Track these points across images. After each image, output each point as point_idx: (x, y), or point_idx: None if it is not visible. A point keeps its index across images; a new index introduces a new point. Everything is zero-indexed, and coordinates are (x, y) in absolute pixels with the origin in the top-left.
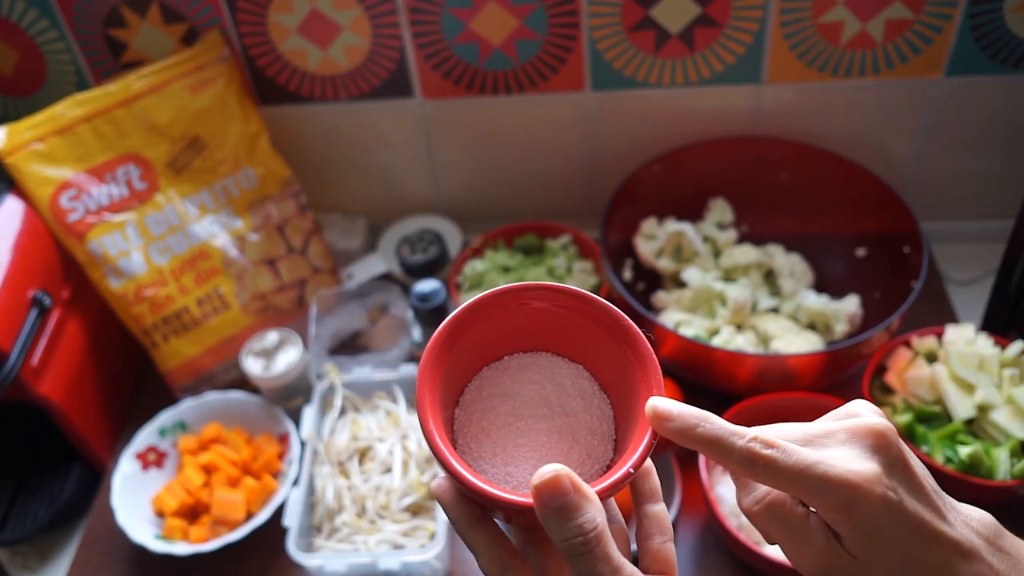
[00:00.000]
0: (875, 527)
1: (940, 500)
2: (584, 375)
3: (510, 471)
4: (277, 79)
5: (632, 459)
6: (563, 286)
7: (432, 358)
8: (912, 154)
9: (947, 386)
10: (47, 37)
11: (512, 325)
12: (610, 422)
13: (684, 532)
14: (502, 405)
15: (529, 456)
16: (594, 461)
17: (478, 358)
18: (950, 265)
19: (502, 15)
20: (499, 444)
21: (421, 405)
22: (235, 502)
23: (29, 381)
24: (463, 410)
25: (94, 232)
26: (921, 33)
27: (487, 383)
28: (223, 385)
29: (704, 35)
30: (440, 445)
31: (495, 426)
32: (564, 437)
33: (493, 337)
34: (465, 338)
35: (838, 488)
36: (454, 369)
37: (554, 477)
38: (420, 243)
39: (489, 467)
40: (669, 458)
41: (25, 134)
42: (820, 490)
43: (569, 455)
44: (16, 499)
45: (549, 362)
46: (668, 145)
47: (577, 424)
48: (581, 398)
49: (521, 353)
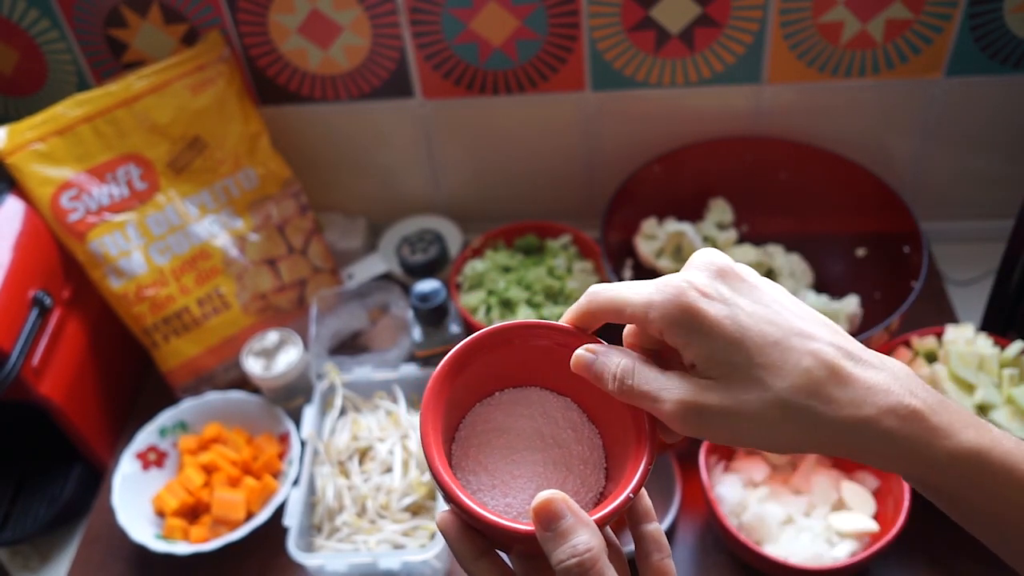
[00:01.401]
0: (686, 320)
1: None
2: (572, 407)
3: (509, 502)
4: (277, 79)
5: (631, 485)
6: (559, 325)
7: (434, 394)
8: (912, 154)
9: (947, 386)
10: (48, 37)
11: (506, 362)
12: (600, 451)
13: (684, 532)
14: (497, 439)
15: (526, 487)
16: (588, 489)
17: (471, 394)
18: (950, 265)
19: (502, 15)
20: (497, 477)
21: (426, 441)
22: (235, 502)
23: (30, 381)
24: (459, 445)
25: (95, 232)
26: (921, 33)
27: (480, 419)
28: (223, 385)
29: (704, 35)
30: (447, 479)
31: (492, 460)
32: (558, 468)
33: (486, 374)
34: (463, 375)
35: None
36: (451, 405)
37: (551, 501)
38: (420, 243)
39: (489, 499)
40: (669, 458)
41: (26, 134)
42: (627, 299)
43: (564, 484)
44: (17, 499)
45: (538, 396)
46: (668, 145)
47: (570, 455)
48: (572, 429)
49: (511, 388)
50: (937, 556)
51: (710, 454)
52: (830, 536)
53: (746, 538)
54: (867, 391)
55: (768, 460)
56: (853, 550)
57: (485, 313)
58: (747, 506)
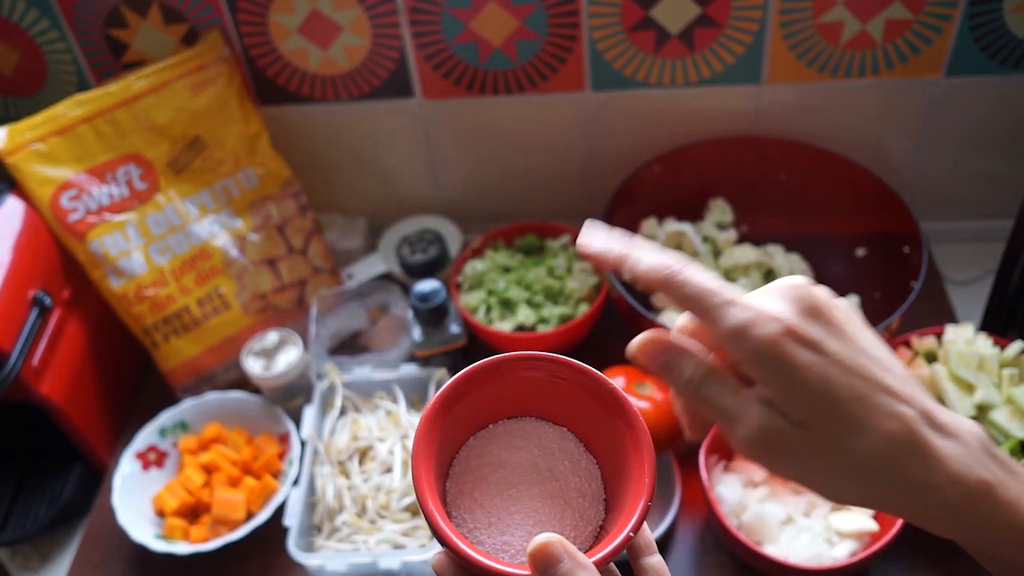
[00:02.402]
0: (776, 363)
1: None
2: (569, 437)
3: (506, 540)
4: (277, 79)
5: (630, 523)
6: (552, 356)
7: (426, 433)
8: (912, 154)
9: (947, 386)
10: (48, 37)
11: (498, 394)
12: (599, 482)
13: (684, 532)
14: (492, 474)
15: (523, 523)
16: (587, 523)
17: (465, 428)
18: (949, 265)
19: (502, 15)
20: (493, 513)
21: (418, 482)
22: (235, 502)
23: (30, 381)
24: (454, 482)
25: (95, 232)
26: (921, 33)
27: (474, 453)
28: (223, 385)
29: (704, 35)
30: (440, 522)
31: (487, 496)
32: (556, 502)
33: (479, 407)
34: (454, 410)
35: (733, 314)
36: (444, 440)
37: (547, 545)
38: (420, 243)
39: (485, 537)
40: (669, 458)
41: (26, 134)
42: (717, 315)
43: (563, 519)
44: (17, 499)
45: (534, 427)
46: (668, 145)
47: (567, 488)
48: (569, 461)
49: (505, 420)
50: (937, 556)
51: (710, 454)
52: (830, 536)
53: (746, 538)
54: (940, 461)
55: None
56: (853, 550)
57: (485, 313)
58: (747, 506)
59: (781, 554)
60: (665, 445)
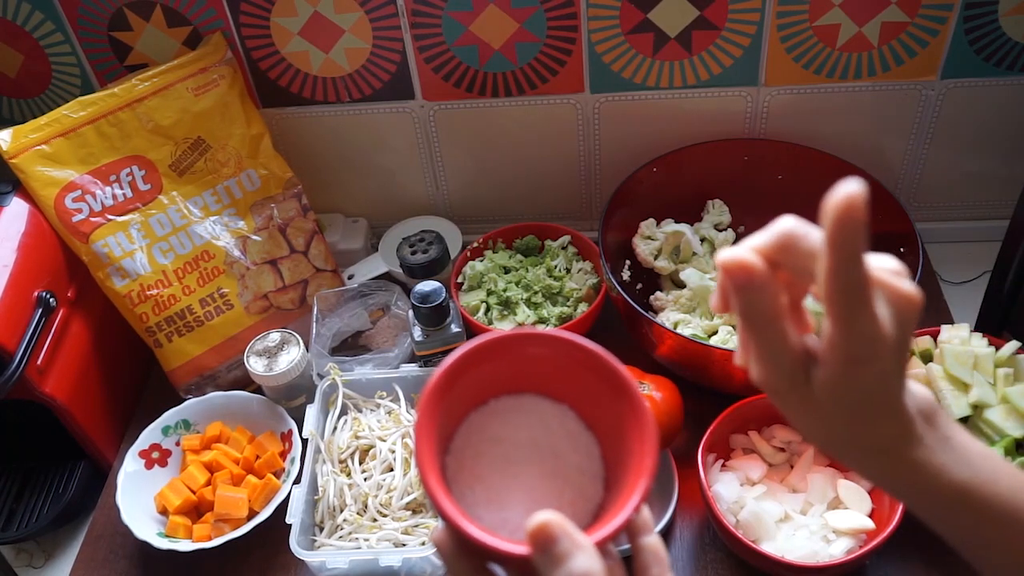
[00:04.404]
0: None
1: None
2: (569, 415)
3: (505, 516)
4: (279, 81)
5: (630, 504)
6: (557, 334)
7: (428, 409)
8: (907, 156)
9: (942, 385)
10: (52, 40)
11: (500, 371)
12: (598, 460)
13: (681, 529)
14: (492, 450)
15: (523, 500)
16: (586, 500)
17: (466, 403)
18: (945, 265)
19: (502, 18)
20: (493, 489)
21: (420, 456)
22: (238, 500)
23: (34, 380)
24: (454, 457)
25: (98, 233)
26: (916, 36)
27: (475, 428)
28: (226, 384)
29: (702, 38)
30: (441, 497)
31: (487, 472)
32: (555, 479)
33: (481, 383)
34: (457, 386)
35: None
36: (446, 416)
37: (546, 524)
38: (421, 244)
39: (484, 513)
40: (667, 455)
41: (30, 136)
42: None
43: (562, 496)
44: (21, 497)
45: (534, 404)
46: (666, 147)
47: (567, 465)
48: (568, 438)
49: (505, 396)
50: (933, 554)
51: (707, 452)
52: (826, 534)
53: (743, 536)
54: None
55: (765, 458)
56: (849, 548)
57: (485, 313)
58: (744, 504)
59: (778, 551)
60: (663, 443)
